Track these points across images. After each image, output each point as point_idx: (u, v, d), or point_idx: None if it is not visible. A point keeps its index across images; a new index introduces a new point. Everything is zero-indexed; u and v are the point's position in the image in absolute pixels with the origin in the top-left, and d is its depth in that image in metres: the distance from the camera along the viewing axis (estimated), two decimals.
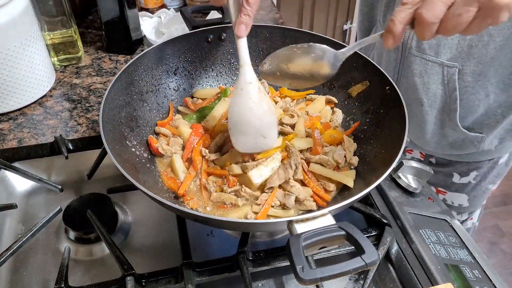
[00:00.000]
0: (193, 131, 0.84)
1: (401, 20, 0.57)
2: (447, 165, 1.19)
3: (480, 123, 1.05)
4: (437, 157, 1.20)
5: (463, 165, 1.17)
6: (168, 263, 0.73)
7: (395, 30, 0.57)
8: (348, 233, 0.53)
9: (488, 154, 1.14)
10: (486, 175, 1.19)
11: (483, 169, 1.18)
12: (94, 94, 1.11)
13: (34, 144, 0.94)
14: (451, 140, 1.08)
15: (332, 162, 0.78)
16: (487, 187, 1.23)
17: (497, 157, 1.16)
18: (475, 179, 1.20)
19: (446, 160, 1.18)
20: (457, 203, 1.26)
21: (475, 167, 1.17)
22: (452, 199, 1.26)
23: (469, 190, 1.22)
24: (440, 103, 1.03)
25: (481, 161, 1.16)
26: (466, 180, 1.21)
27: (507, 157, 1.18)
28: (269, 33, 0.96)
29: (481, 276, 0.72)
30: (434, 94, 1.02)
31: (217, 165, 0.80)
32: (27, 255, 0.77)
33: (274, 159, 0.76)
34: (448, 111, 1.03)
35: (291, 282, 0.75)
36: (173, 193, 0.77)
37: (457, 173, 1.20)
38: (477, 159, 1.15)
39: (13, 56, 0.97)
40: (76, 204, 0.81)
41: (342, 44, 0.90)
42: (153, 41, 1.28)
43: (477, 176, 1.19)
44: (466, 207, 1.27)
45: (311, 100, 0.94)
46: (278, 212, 0.74)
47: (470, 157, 1.15)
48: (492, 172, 1.19)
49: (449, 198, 1.26)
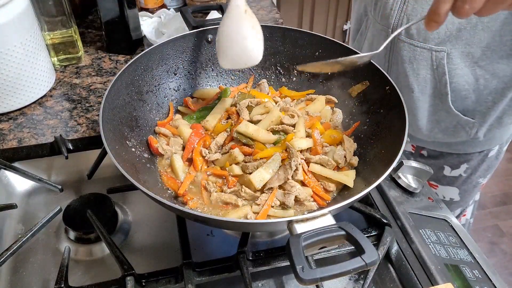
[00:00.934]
0: (194, 131, 0.84)
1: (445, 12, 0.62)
2: (438, 157, 1.21)
3: (472, 110, 1.06)
4: (428, 149, 1.21)
5: (454, 157, 1.19)
6: (168, 263, 0.73)
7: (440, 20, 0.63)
8: (348, 233, 0.53)
9: (478, 146, 1.16)
10: (477, 168, 1.21)
11: (473, 162, 1.20)
12: (94, 94, 1.11)
13: (34, 144, 0.94)
14: (443, 127, 1.10)
15: (332, 162, 0.78)
16: (477, 180, 1.25)
17: (487, 149, 1.17)
18: (466, 172, 1.22)
19: (437, 152, 1.20)
20: (448, 197, 1.28)
21: (466, 160, 1.19)
22: (444, 193, 1.28)
23: (460, 184, 1.24)
24: (431, 88, 1.05)
25: (471, 153, 1.18)
26: (457, 173, 1.23)
27: (497, 150, 1.20)
28: (269, 33, 0.96)
29: (481, 276, 0.72)
30: (424, 80, 1.04)
31: (217, 166, 0.80)
32: (27, 255, 0.77)
33: (274, 160, 0.76)
34: (439, 96, 1.05)
35: (291, 282, 0.75)
36: (173, 193, 0.77)
37: (448, 166, 1.22)
38: (467, 151, 1.17)
39: (13, 56, 0.97)
40: (76, 204, 0.81)
41: (342, 44, 0.90)
42: (153, 41, 1.28)
43: (467, 169, 1.21)
44: (457, 202, 1.29)
45: (311, 100, 0.94)
46: (278, 212, 0.74)
47: (460, 148, 1.17)
48: (483, 165, 1.21)
49: (440, 192, 1.28)
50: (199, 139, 0.82)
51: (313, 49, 0.95)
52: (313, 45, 0.94)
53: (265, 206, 0.73)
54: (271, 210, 0.73)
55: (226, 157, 0.79)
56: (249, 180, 0.74)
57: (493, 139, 1.15)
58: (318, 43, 0.93)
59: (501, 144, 1.20)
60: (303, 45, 0.95)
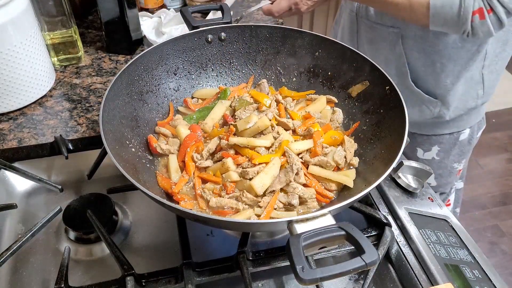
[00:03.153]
0: (189, 134, 0.83)
1: None
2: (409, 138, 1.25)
3: (433, 92, 1.12)
4: None
5: (425, 138, 1.24)
6: (168, 263, 0.73)
7: None
8: (348, 233, 0.53)
9: (446, 127, 1.21)
10: (449, 152, 1.26)
11: (444, 145, 1.24)
12: (94, 94, 1.11)
13: (34, 144, 0.94)
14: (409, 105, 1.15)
15: (332, 163, 0.78)
16: (452, 165, 1.29)
17: (456, 131, 1.22)
18: (438, 155, 1.26)
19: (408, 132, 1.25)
20: None
21: (437, 142, 1.24)
22: None
23: (434, 168, 1.27)
24: (393, 68, 1.11)
25: (441, 135, 1.23)
26: (430, 156, 1.27)
27: (468, 135, 1.25)
28: (269, 33, 0.96)
29: (481, 276, 0.72)
30: (386, 59, 1.11)
31: (209, 172, 0.79)
32: (27, 255, 0.77)
33: (274, 164, 0.75)
34: (400, 75, 1.11)
35: (291, 282, 0.75)
36: None
37: (420, 148, 1.27)
38: (436, 132, 1.22)
39: (13, 56, 0.97)
40: (76, 204, 0.81)
41: (342, 44, 0.90)
42: (153, 41, 1.28)
43: (439, 151, 1.26)
44: (434, 187, 1.34)
45: (311, 100, 0.94)
46: (281, 214, 0.73)
47: (430, 130, 1.22)
48: (455, 149, 1.26)
49: None
50: (193, 143, 0.81)
51: (313, 49, 0.95)
52: (313, 45, 0.94)
53: (268, 208, 0.72)
54: (274, 212, 0.73)
55: (218, 165, 0.78)
56: (250, 186, 0.73)
57: (461, 121, 1.20)
58: (318, 43, 0.93)
59: (471, 128, 1.24)
60: (303, 45, 0.95)
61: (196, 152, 0.81)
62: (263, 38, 0.97)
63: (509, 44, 1.10)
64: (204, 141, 0.84)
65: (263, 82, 0.96)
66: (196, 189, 0.76)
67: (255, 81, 0.99)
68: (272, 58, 0.98)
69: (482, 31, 0.92)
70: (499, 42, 1.07)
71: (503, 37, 1.07)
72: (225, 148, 0.80)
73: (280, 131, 0.83)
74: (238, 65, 0.99)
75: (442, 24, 0.94)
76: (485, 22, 0.91)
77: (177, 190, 0.75)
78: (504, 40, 1.08)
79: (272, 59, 0.99)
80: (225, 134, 0.81)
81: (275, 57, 0.98)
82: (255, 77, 1.00)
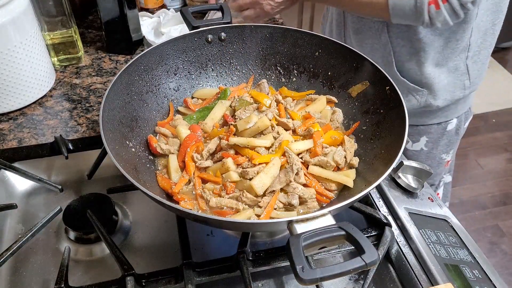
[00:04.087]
0: (189, 134, 0.83)
1: None
2: None
3: (419, 81, 1.14)
4: None
5: (413, 128, 1.26)
6: (168, 263, 0.73)
7: None
8: (348, 233, 0.53)
9: (435, 117, 1.22)
10: (437, 142, 1.27)
11: (432, 135, 1.26)
12: (94, 94, 1.11)
13: (34, 144, 0.94)
14: None
15: (332, 163, 0.78)
16: (440, 156, 1.31)
17: (444, 121, 1.24)
18: (427, 146, 1.28)
19: None
20: None
21: (425, 132, 1.25)
22: None
23: (423, 159, 1.29)
24: (379, 58, 1.13)
25: (429, 125, 1.24)
26: (418, 147, 1.29)
27: (456, 125, 1.27)
28: (269, 33, 0.96)
29: (481, 276, 0.72)
30: (372, 48, 1.13)
31: (209, 172, 0.79)
32: (27, 255, 0.77)
33: (274, 164, 0.75)
34: (386, 63, 1.14)
35: (291, 282, 0.75)
36: None
37: (409, 139, 1.28)
38: (425, 122, 1.24)
39: (13, 56, 0.97)
40: (76, 204, 0.81)
41: (342, 44, 0.90)
42: (152, 41, 1.28)
43: (428, 142, 1.27)
44: None
45: (311, 100, 0.94)
46: (281, 214, 0.73)
47: (418, 120, 1.23)
48: (443, 139, 1.27)
49: None
50: (193, 143, 0.81)
51: (313, 49, 0.95)
52: (313, 45, 0.94)
53: (268, 208, 0.72)
54: (274, 212, 0.73)
55: (218, 165, 0.78)
56: (250, 186, 0.73)
57: (448, 110, 1.22)
58: (318, 43, 0.94)
59: (459, 118, 1.26)
60: (303, 45, 0.95)
61: (196, 152, 0.81)
62: (263, 38, 0.97)
63: (488, 34, 1.12)
64: (204, 141, 0.84)
65: (263, 82, 0.96)
66: (196, 189, 0.76)
67: (255, 81, 0.99)
68: (272, 58, 0.98)
69: (439, 20, 0.96)
70: (479, 32, 1.10)
71: (482, 27, 1.10)
72: (225, 148, 0.80)
73: (280, 131, 0.83)
74: (238, 65, 0.99)
75: (401, 16, 0.98)
76: (441, 11, 0.94)
77: (177, 190, 0.75)
78: (483, 30, 1.10)
79: (272, 59, 0.99)
80: (225, 134, 0.81)
81: (275, 57, 0.98)
82: (255, 77, 1.00)
